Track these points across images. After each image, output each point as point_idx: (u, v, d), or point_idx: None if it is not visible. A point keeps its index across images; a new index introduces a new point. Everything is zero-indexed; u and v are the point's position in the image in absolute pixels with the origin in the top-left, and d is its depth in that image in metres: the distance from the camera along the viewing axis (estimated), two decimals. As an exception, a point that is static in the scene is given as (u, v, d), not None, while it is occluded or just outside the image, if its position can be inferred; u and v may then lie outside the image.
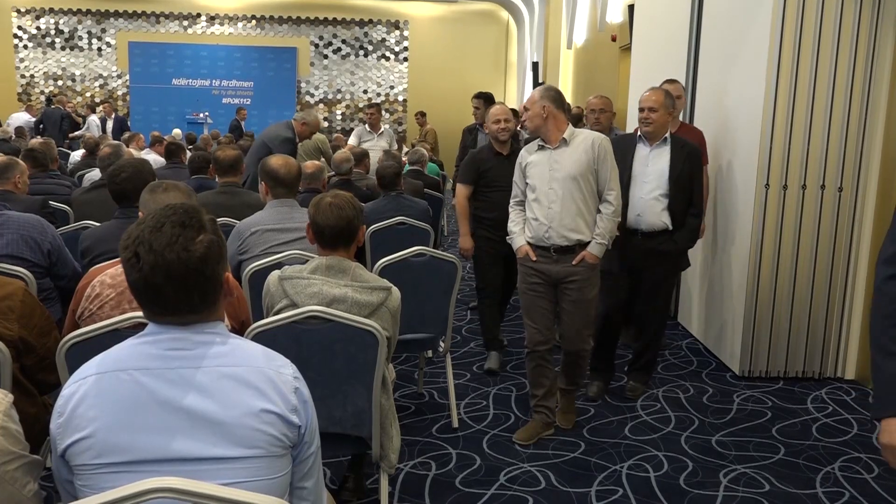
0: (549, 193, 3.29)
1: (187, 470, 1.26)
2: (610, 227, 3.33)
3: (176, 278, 1.29)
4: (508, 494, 2.97)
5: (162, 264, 1.28)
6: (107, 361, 1.35)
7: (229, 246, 3.21)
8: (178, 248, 1.29)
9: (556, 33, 12.96)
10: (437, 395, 4.00)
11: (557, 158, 3.30)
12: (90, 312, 2.20)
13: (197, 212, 1.37)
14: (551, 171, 3.30)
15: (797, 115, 4.09)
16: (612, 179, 3.31)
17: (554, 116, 3.32)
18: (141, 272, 1.29)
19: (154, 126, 13.94)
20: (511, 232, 3.49)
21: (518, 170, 3.46)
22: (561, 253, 3.31)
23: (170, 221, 1.32)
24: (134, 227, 1.34)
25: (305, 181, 4.20)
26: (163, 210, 1.36)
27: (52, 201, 4.20)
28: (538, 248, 3.35)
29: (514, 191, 3.51)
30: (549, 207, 3.29)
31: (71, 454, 1.31)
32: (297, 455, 1.42)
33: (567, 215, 3.28)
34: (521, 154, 3.49)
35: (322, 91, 16.90)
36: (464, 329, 5.20)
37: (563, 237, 3.29)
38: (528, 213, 3.40)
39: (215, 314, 1.40)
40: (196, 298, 1.33)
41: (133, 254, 1.30)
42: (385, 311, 2.43)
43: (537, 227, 3.33)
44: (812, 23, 4.00)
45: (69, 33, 16.12)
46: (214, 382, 1.32)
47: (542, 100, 3.33)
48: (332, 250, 2.45)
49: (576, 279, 3.32)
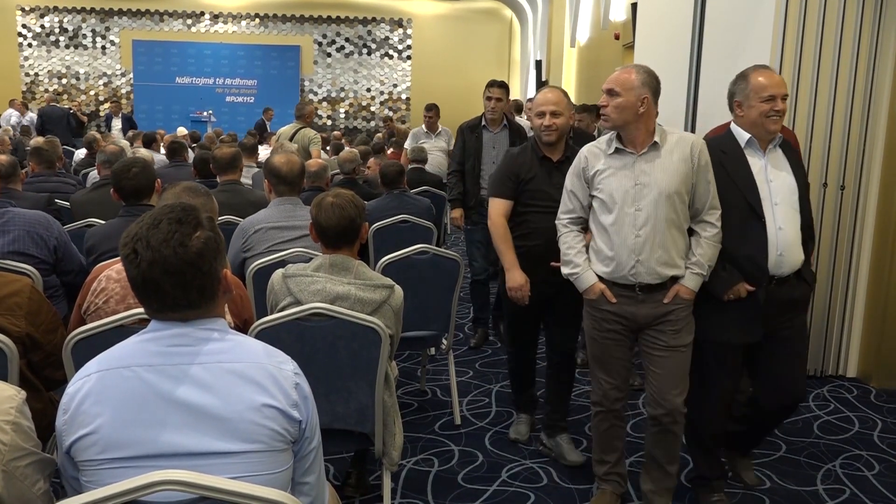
0: (634, 217, 2.52)
1: (190, 464, 1.28)
2: (711, 254, 2.58)
3: (173, 273, 1.32)
4: (510, 491, 2.99)
5: (159, 260, 1.31)
6: (110, 358, 1.37)
7: (233, 244, 3.23)
8: (174, 243, 1.32)
9: (559, 31, 12.96)
10: (440, 393, 4.01)
11: (646, 169, 2.54)
12: (96, 307, 2.22)
13: (195, 210, 1.40)
14: (638, 186, 2.53)
15: (799, 113, 4.09)
16: (713, 195, 2.59)
17: (649, 114, 2.56)
18: (139, 268, 1.32)
19: (158, 125, 13.99)
20: (570, 263, 2.71)
21: (576, 178, 2.69)
22: (648, 291, 2.59)
23: (167, 218, 1.35)
24: (134, 226, 1.37)
25: (309, 179, 4.22)
26: (161, 208, 1.40)
27: (58, 199, 4.23)
28: (615, 285, 2.62)
29: (568, 205, 2.73)
30: (635, 235, 2.53)
31: (76, 450, 1.33)
32: (298, 450, 1.45)
33: (660, 245, 2.53)
34: (581, 156, 2.69)
35: (325, 89, 16.92)
36: (466, 327, 5.22)
37: (653, 273, 2.55)
38: (600, 240, 2.63)
39: (215, 310, 1.42)
40: (194, 293, 1.36)
41: (132, 250, 1.34)
42: (388, 309, 2.45)
43: (618, 261, 2.57)
44: (814, 21, 4.00)
45: (73, 32, 16.18)
46: (216, 378, 1.34)
47: (643, 87, 2.54)
48: (336, 249, 2.47)
49: (671, 320, 2.60)
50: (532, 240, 3.07)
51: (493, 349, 4.73)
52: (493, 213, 3.14)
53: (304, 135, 6.50)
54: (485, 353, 4.67)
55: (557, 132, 3.05)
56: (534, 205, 3.07)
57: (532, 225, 3.08)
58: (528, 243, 3.08)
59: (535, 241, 3.05)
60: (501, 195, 3.13)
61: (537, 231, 3.04)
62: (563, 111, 3.06)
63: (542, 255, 3.00)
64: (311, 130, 6.68)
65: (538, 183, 3.07)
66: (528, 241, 3.09)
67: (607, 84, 2.59)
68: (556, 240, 2.81)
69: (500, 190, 3.14)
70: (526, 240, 3.09)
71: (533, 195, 3.08)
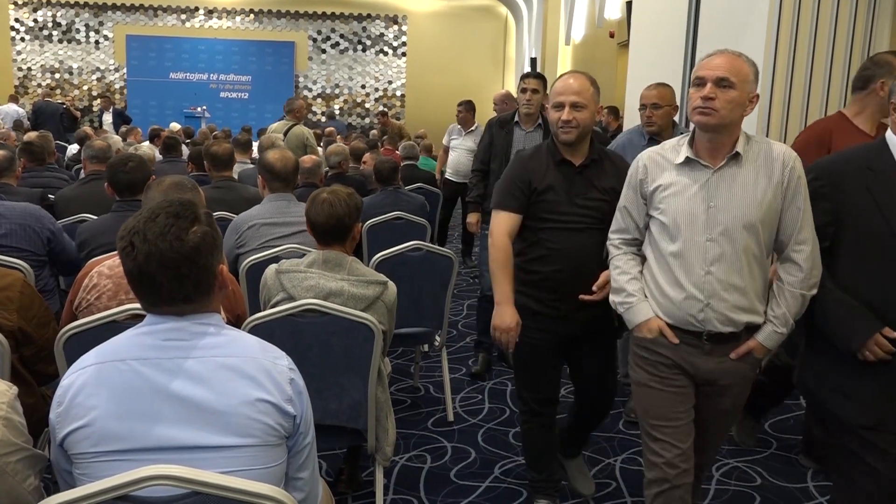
0: (706, 248, 2.00)
1: (184, 458, 1.28)
2: (797, 309, 2.04)
3: (169, 267, 1.33)
4: (503, 487, 3.00)
5: (155, 253, 1.32)
6: (105, 352, 1.38)
7: (226, 240, 3.22)
8: (170, 237, 1.33)
9: (554, 29, 12.97)
10: (433, 389, 4.02)
11: (723, 186, 1.99)
12: (88, 303, 2.22)
13: (192, 205, 1.41)
14: (712, 210, 1.99)
15: (793, 112, 4.11)
16: (804, 225, 2.01)
17: (740, 118, 2.00)
18: (135, 261, 1.33)
19: (151, 120, 13.93)
20: (621, 291, 2.18)
21: (631, 191, 2.17)
22: (716, 341, 2.07)
23: (165, 212, 1.36)
24: (132, 219, 1.38)
25: (303, 175, 4.21)
26: (160, 202, 1.40)
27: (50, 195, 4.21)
28: (675, 330, 2.10)
29: (621, 223, 2.23)
30: (706, 271, 2.00)
31: (70, 443, 1.33)
32: (292, 445, 1.45)
33: (736, 286, 2.01)
34: (638, 165, 2.14)
35: (320, 86, 16.89)
36: (459, 324, 5.22)
37: (726, 319, 2.03)
38: (659, 274, 2.10)
39: (210, 305, 1.42)
40: (189, 287, 1.36)
41: (128, 243, 1.34)
42: (381, 305, 2.46)
43: (683, 301, 2.04)
44: (808, 20, 4.02)
45: (66, 26, 16.09)
46: (211, 372, 1.35)
47: (755, 83, 2.00)
48: (327, 245, 2.48)
49: (730, 382, 2.12)
50: (551, 264, 2.45)
51: (486, 346, 4.73)
52: (494, 230, 2.49)
53: (296, 132, 6.43)
54: (478, 350, 4.68)
55: (578, 130, 2.40)
56: (552, 220, 2.44)
57: (550, 245, 2.45)
58: (545, 269, 2.47)
59: (556, 265, 2.45)
60: (507, 207, 2.48)
61: (558, 254, 2.44)
62: (586, 103, 2.40)
63: (566, 284, 2.43)
64: (305, 128, 6.61)
65: (556, 193, 2.44)
66: (545, 266, 2.47)
67: (715, 71, 1.96)
68: (584, 265, 2.40)
69: (506, 201, 2.49)
70: (543, 264, 2.47)
71: (550, 208, 2.44)
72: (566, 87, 2.42)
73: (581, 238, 2.42)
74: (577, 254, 2.42)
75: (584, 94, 2.41)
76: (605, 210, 2.40)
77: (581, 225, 2.42)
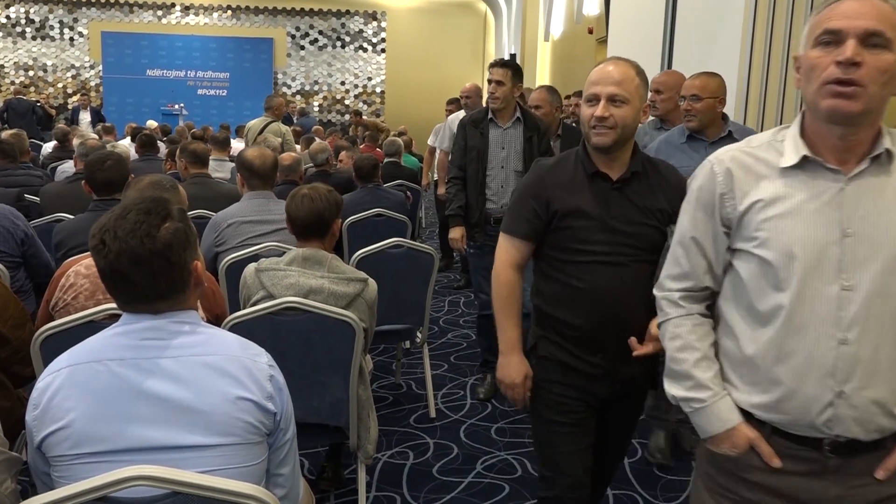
0: (839, 302, 1.29)
1: (164, 458, 1.28)
2: None
3: (141, 264, 1.32)
4: (485, 482, 3.01)
5: (126, 250, 1.31)
6: (82, 353, 1.36)
7: (205, 238, 3.20)
8: (141, 233, 1.32)
9: (533, 25, 13.01)
10: (415, 386, 4.02)
11: (866, 205, 1.31)
12: (64, 303, 2.19)
13: (164, 201, 1.40)
14: (849, 240, 1.30)
15: (768, 111, 4.15)
16: None
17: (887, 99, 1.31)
18: (106, 259, 1.32)
19: (128, 118, 13.78)
20: (687, 378, 1.45)
21: (703, 213, 1.46)
22: (847, 454, 1.34)
23: (136, 209, 1.35)
24: (104, 217, 1.37)
25: (283, 173, 4.20)
26: (132, 200, 1.39)
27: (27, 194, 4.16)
28: (780, 436, 1.38)
29: (683, 265, 1.50)
30: (839, 340, 1.29)
31: (47, 445, 1.32)
32: (273, 442, 1.45)
33: (888, 366, 1.30)
34: (715, 171, 1.43)
35: (299, 82, 16.79)
36: (441, 320, 5.23)
37: (866, 420, 1.31)
38: (749, 342, 1.38)
39: (187, 302, 1.42)
40: (163, 285, 1.35)
41: (99, 241, 1.33)
42: (362, 302, 2.45)
43: (793, 390, 1.33)
44: (784, 17, 4.06)
45: (40, 23, 15.85)
46: (190, 371, 1.34)
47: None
48: (306, 240, 2.48)
49: None
50: (577, 308, 1.88)
51: (467, 342, 4.75)
52: (499, 261, 1.97)
53: (273, 129, 6.38)
54: (459, 345, 4.69)
55: (616, 132, 1.82)
56: (582, 252, 1.86)
57: (580, 285, 1.86)
58: (570, 315, 1.89)
59: (588, 311, 1.86)
60: (514, 233, 1.95)
61: (591, 296, 1.85)
62: (628, 97, 1.83)
63: (603, 336, 1.87)
64: (283, 126, 6.58)
65: (587, 216, 1.86)
66: (575, 314, 1.88)
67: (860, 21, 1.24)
68: (628, 310, 1.82)
69: (514, 225, 1.95)
70: (571, 310, 1.88)
71: (579, 236, 1.86)
72: (603, 75, 1.86)
73: (622, 275, 1.84)
74: (617, 296, 1.83)
75: (627, 84, 1.84)
76: (654, 239, 1.86)
77: (622, 258, 1.84)
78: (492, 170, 3.61)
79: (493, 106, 3.62)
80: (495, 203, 3.61)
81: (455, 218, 3.68)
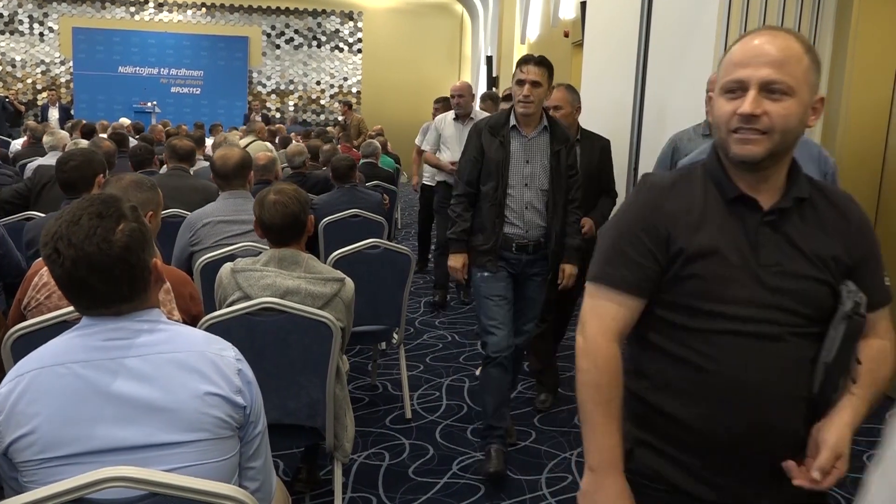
0: None
1: (135, 458, 1.27)
2: None
3: (100, 270, 1.29)
4: (461, 483, 3.02)
5: (83, 257, 1.28)
6: (44, 356, 1.34)
7: (180, 237, 3.18)
8: (97, 239, 1.28)
9: (509, 28, 13.06)
10: (391, 387, 4.02)
11: None
12: (37, 302, 2.16)
13: (116, 201, 1.36)
14: None
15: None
16: None
17: None
18: (63, 267, 1.29)
19: (100, 115, 13.59)
20: None
21: None
22: None
23: (87, 213, 1.31)
24: (52, 223, 1.32)
25: (258, 173, 4.17)
26: (79, 202, 1.35)
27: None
28: None
29: None
30: None
31: (14, 451, 1.30)
32: (244, 436, 1.45)
33: None
34: None
35: (274, 82, 16.67)
36: (417, 321, 5.23)
37: None
38: None
39: (148, 301, 1.40)
40: (125, 288, 1.33)
41: (53, 249, 1.29)
42: (339, 302, 2.45)
43: None
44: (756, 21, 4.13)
45: (9, 17, 15.55)
46: (156, 369, 1.33)
47: None
48: (283, 245, 2.46)
49: None
50: (703, 403, 1.30)
51: (443, 343, 4.76)
52: (591, 328, 1.35)
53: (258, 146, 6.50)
54: (435, 347, 4.69)
55: (770, 140, 1.25)
56: (714, 314, 1.28)
57: (708, 366, 1.28)
58: (690, 413, 1.31)
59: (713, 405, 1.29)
60: (621, 283, 1.34)
61: (722, 383, 1.28)
62: (794, 85, 1.24)
63: (732, 445, 1.28)
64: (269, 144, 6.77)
65: (725, 261, 1.29)
66: (691, 409, 1.31)
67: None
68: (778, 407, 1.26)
69: (618, 270, 1.34)
70: (687, 403, 1.31)
71: (711, 290, 1.29)
72: (754, 52, 1.26)
73: (775, 353, 1.27)
74: (766, 386, 1.26)
75: (791, 67, 1.24)
76: (821, 300, 1.29)
77: (775, 327, 1.27)
78: (513, 187, 3.01)
79: (523, 111, 2.99)
80: (519, 227, 3.02)
81: (457, 243, 3.11)
